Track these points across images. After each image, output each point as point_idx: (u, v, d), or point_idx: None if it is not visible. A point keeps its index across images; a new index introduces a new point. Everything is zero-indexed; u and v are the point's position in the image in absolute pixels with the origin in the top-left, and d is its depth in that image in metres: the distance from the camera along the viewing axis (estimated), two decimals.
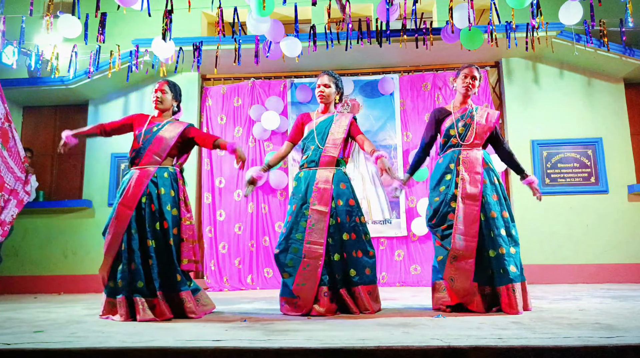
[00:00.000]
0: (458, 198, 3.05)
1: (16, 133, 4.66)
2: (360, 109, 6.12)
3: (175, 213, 3.09)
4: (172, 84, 3.36)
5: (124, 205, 3.00)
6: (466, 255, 2.95)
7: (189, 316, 2.95)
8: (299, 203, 3.15)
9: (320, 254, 3.02)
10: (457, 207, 3.03)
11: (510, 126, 5.91)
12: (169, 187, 3.10)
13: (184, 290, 3.03)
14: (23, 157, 4.75)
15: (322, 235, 3.04)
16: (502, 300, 2.86)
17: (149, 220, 3.01)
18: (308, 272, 3.00)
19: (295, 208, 3.15)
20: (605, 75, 5.89)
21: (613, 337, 1.91)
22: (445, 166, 3.18)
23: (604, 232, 5.57)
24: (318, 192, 3.12)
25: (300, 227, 3.09)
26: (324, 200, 3.10)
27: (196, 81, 6.24)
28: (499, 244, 2.93)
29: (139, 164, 3.11)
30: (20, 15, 4.81)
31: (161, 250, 3.01)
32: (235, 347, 1.88)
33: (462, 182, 3.07)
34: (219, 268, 5.78)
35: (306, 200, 3.14)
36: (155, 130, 3.18)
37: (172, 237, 3.03)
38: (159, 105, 3.26)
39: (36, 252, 5.98)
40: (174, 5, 4.29)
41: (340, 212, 3.12)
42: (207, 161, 6.07)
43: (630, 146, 5.76)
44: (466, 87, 3.22)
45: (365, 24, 5.59)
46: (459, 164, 3.13)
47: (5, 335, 2.28)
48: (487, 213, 3.00)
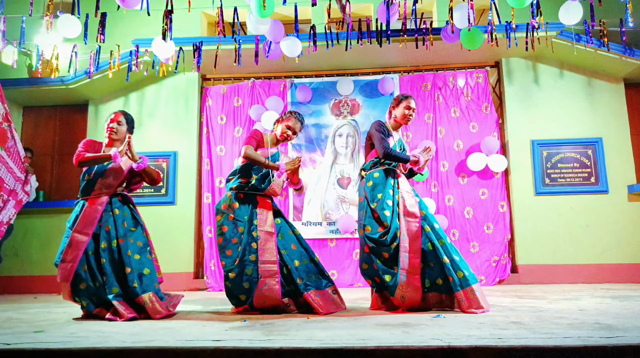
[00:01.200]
0: (400, 216, 3.13)
1: (16, 133, 4.65)
2: (360, 109, 6.12)
3: (125, 227, 3.20)
4: (127, 115, 3.40)
5: (79, 232, 3.10)
6: (413, 272, 3.03)
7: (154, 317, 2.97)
8: (243, 225, 3.26)
9: (274, 272, 3.13)
10: (401, 225, 3.10)
11: (510, 126, 5.91)
12: (123, 209, 3.25)
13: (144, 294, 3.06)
14: (23, 157, 4.75)
15: (271, 253, 3.17)
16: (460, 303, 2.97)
17: (102, 242, 3.13)
18: (268, 291, 3.10)
19: (242, 230, 3.25)
20: (605, 75, 5.89)
21: (613, 337, 1.91)
22: (386, 180, 3.24)
23: (604, 232, 5.57)
24: (262, 214, 3.28)
25: (251, 248, 3.19)
26: (268, 221, 3.26)
27: (196, 81, 6.24)
28: (443, 254, 3.05)
29: (92, 194, 3.19)
30: (20, 15, 4.81)
31: (112, 266, 3.10)
32: (235, 347, 1.88)
33: (402, 200, 3.18)
34: (219, 268, 5.77)
35: (251, 221, 3.26)
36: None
37: (128, 248, 3.14)
38: (113, 136, 3.31)
39: (36, 252, 5.98)
40: (174, 5, 4.29)
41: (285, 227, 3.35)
42: (207, 161, 6.08)
43: (630, 146, 5.76)
44: (407, 120, 3.38)
45: (365, 24, 5.59)
46: (396, 180, 3.25)
47: (5, 335, 2.29)
48: (431, 225, 3.12)
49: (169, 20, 4.28)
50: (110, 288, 3.02)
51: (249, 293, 3.12)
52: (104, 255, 3.09)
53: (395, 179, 3.25)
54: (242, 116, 6.18)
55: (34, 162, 5.83)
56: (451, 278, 2.96)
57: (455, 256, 3.05)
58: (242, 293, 3.14)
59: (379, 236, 3.08)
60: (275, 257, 3.15)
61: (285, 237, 3.29)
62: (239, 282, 3.14)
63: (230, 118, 6.20)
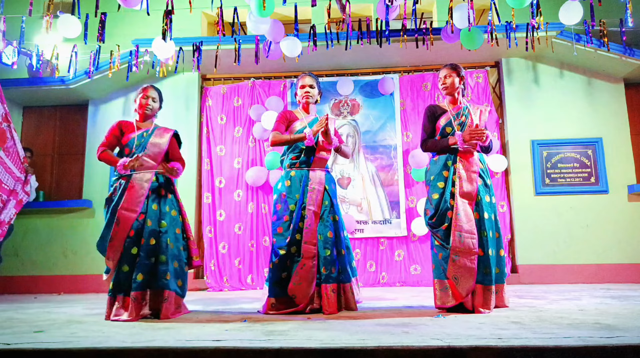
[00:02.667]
0: (456, 196, 3.06)
1: (15, 133, 4.65)
2: (360, 109, 6.12)
3: (174, 214, 3.18)
4: (159, 91, 3.39)
5: (126, 209, 3.02)
6: (467, 252, 2.95)
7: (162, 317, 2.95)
8: (297, 204, 3.21)
9: (313, 254, 3.11)
10: (456, 205, 3.04)
11: (510, 126, 5.91)
12: (167, 190, 3.19)
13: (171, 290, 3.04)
14: (22, 157, 4.75)
15: (315, 235, 3.15)
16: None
17: (147, 220, 3.05)
18: (305, 272, 3.08)
19: (294, 209, 3.21)
20: (605, 75, 5.89)
21: (613, 337, 1.91)
22: (443, 163, 3.18)
23: (604, 232, 5.57)
24: (313, 192, 3.22)
25: (297, 227, 3.17)
26: (317, 201, 3.21)
27: (196, 81, 6.24)
28: (488, 246, 2.99)
29: (136, 170, 3.12)
30: (20, 15, 4.81)
31: (157, 251, 3.04)
32: (235, 347, 1.88)
33: (459, 180, 3.09)
34: (219, 268, 5.78)
35: (303, 200, 3.21)
36: (146, 136, 3.23)
37: (171, 238, 3.09)
38: (148, 112, 3.28)
39: (36, 252, 5.98)
40: (174, 5, 4.29)
41: (330, 211, 3.26)
42: (207, 161, 6.07)
43: (630, 146, 5.76)
44: (444, 88, 3.29)
45: (365, 24, 5.59)
46: (456, 162, 3.14)
47: (5, 335, 2.29)
48: (481, 214, 3.05)
49: (169, 20, 4.28)
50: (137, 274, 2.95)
51: (289, 271, 3.11)
52: (146, 236, 3.01)
53: (454, 161, 3.16)
54: (242, 116, 6.18)
55: (33, 162, 5.83)
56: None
57: (500, 251, 3.07)
58: (284, 271, 3.14)
59: (429, 219, 3.10)
60: (315, 239, 3.15)
61: (325, 222, 3.22)
62: (284, 259, 3.13)
63: (230, 118, 6.20)
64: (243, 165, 6.05)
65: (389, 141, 6.01)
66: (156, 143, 3.22)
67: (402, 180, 5.91)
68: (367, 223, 5.84)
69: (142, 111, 3.28)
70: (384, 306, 3.39)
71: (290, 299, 3.10)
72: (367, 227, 5.83)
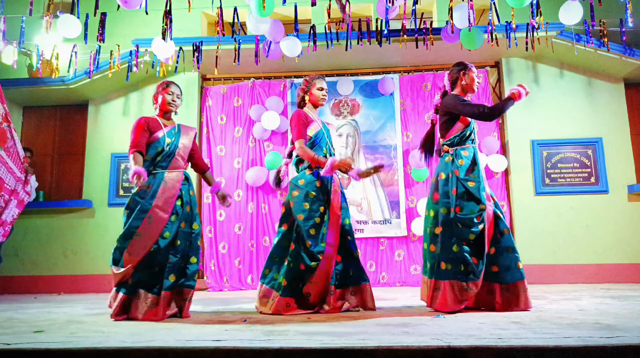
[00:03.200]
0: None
1: (15, 133, 4.65)
2: (360, 109, 6.12)
3: (197, 212, 3.23)
4: (180, 88, 3.32)
5: (160, 208, 2.98)
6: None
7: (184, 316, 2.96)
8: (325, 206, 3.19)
9: (333, 255, 3.12)
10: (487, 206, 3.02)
11: (510, 126, 5.91)
12: (192, 190, 3.21)
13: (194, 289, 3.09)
14: (22, 157, 4.75)
15: (336, 236, 3.16)
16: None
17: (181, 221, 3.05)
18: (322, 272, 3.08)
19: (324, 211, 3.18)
20: (605, 75, 5.89)
21: (613, 337, 1.90)
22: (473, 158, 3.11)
23: (604, 232, 5.57)
24: (335, 194, 3.23)
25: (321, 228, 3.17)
26: (339, 204, 3.22)
27: (196, 81, 6.23)
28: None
29: (168, 168, 3.08)
30: (20, 15, 4.81)
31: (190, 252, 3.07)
32: (235, 347, 1.88)
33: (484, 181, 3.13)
34: (219, 268, 5.78)
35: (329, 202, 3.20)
36: (175, 133, 3.19)
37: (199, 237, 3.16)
38: (172, 109, 3.21)
39: (36, 252, 5.98)
40: (174, 5, 4.29)
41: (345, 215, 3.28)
42: (207, 161, 6.07)
43: (630, 146, 5.76)
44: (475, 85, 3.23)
45: (365, 24, 5.59)
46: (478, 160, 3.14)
47: (5, 335, 2.28)
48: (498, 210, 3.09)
49: (169, 20, 4.28)
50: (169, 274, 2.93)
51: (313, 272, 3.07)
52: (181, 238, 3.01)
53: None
54: (242, 116, 6.18)
55: (33, 162, 5.83)
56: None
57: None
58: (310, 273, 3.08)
59: (475, 217, 2.96)
60: (335, 241, 3.14)
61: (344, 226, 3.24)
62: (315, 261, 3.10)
63: (230, 118, 6.20)
64: (243, 165, 6.05)
65: (389, 141, 6.00)
66: (185, 142, 3.20)
67: (402, 180, 5.90)
68: (367, 223, 5.84)
69: (168, 108, 3.18)
70: (384, 306, 3.39)
71: (303, 298, 3.10)
72: (367, 227, 5.83)
